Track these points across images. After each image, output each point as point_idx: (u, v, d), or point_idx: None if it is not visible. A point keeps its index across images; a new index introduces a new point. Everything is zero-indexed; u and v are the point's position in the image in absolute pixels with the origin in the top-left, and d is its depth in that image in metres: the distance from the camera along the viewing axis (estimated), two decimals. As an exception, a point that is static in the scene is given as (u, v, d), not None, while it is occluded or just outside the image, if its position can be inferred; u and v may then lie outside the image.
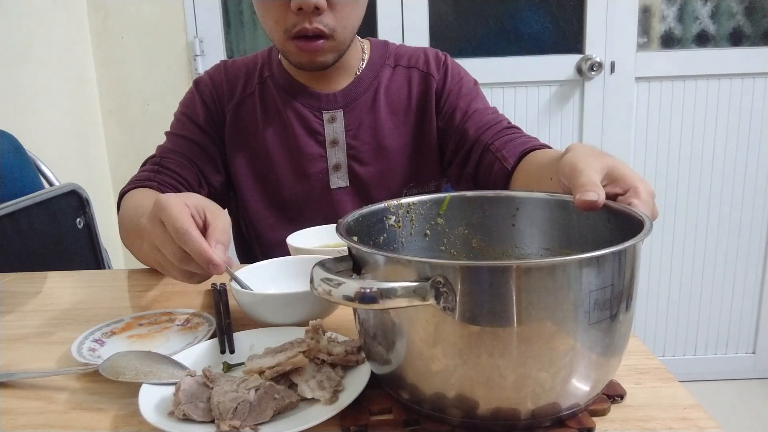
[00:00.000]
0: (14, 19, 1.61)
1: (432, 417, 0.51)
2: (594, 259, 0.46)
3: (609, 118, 2.02)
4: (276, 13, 0.94)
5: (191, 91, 1.10)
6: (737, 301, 2.18)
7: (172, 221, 0.64)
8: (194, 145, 1.05)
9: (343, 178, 1.07)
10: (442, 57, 1.12)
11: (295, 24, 0.93)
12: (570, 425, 0.51)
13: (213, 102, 1.08)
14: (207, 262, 0.64)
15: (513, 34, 2.02)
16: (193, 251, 0.64)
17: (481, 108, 1.07)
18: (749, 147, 2.05)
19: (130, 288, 0.93)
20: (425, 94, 1.09)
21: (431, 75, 1.09)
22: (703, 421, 0.52)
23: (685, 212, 2.10)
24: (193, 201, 0.69)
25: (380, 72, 1.08)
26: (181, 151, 1.04)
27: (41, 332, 0.77)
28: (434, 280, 0.45)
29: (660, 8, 1.99)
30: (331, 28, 0.94)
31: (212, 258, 0.64)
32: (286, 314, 0.69)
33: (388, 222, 0.66)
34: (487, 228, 0.69)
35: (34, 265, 1.17)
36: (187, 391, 0.53)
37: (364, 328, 0.54)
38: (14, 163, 1.32)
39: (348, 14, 0.95)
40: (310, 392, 0.55)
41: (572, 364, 0.47)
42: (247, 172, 1.08)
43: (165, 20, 1.96)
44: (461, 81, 1.10)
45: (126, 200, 0.97)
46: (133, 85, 2.01)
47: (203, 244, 0.64)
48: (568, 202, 0.64)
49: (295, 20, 0.93)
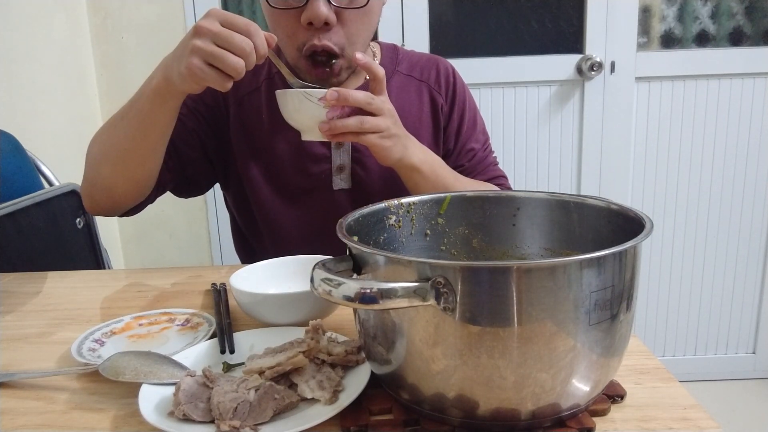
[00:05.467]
0: (14, 19, 1.61)
1: (432, 417, 0.51)
2: (594, 259, 0.46)
3: (609, 118, 2.02)
4: (287, 26, 0.93)
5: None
6: (737, 301, 2.18)
7: (237, 16, 0.76)
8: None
9: (345, 180, 1.07)
10: (452, 80, 1.13)
11: (305, 42, 0.92)
12: (570, 425, 0.51)
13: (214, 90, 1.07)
14: (269, 36, 0.77)
15: (513, 34, 2.01)
16: (258, 33, 0.76)
17: (476, 148, 1.12)
18: (749, 147, 2.05)
19: (130, 288, 0.93)
20: (435, 111, 1.11)
21: (440, 95, 1.11)
22: (703, 421, 0.52)
23: (685, 212, 2.10)
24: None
25: (390, 78, 1.08)
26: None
27: (41, 332, 0.77)
28: (434, 280, 0.45)
29: (660, 8, 1.99)
30: (341, 47, 0.93)
31: (269, 34, 0.78)
32: (286, 314, 0.69)
33: (389, 222, 0.66)
34: (487, 228, 0.69)
35: (34, 265, 1.17)
36: (187, 391, 0.53)
37: (364, 328, 0.54)
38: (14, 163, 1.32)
39: (358, 30, 0.94)
40: (310, 392, 0.55)
41: (572, 364, 0.47)
42: (253, 163, 1.07)
43: (165, 20, 1.96)
44: (464, 110, 1.12)
45: (99, 128, 0.97)
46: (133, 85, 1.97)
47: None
48: (568, 203, 0.64)
49: (305, 37, 0.92)
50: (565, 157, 2.05)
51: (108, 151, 0.93)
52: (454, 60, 1.23)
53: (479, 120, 1.16)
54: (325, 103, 0.82)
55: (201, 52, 0.75)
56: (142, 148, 0.90)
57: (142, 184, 0.96)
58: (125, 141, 0.90)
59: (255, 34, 0.76)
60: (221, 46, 0.75)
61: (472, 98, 1.16)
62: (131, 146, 0.90)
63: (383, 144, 0.87)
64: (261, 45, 0.76)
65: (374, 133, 0.85)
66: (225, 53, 0.75)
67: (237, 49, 0.74)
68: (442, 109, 1.11)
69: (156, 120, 0.87)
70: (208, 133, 1.06)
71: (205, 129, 1.06)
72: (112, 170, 0.93)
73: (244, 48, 0.75)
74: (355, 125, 0.83)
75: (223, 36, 0.74)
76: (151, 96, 0.84)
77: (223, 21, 0.75)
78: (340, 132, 0.83)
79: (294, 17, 0.91)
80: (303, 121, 0.85)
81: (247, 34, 0.75)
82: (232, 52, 0.75)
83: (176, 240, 2.13)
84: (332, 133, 0.83)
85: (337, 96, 0.81)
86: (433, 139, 1.11)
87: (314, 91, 0.82)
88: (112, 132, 0.93)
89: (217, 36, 0.74)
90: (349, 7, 0.91)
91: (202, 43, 0.75)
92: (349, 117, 0.83)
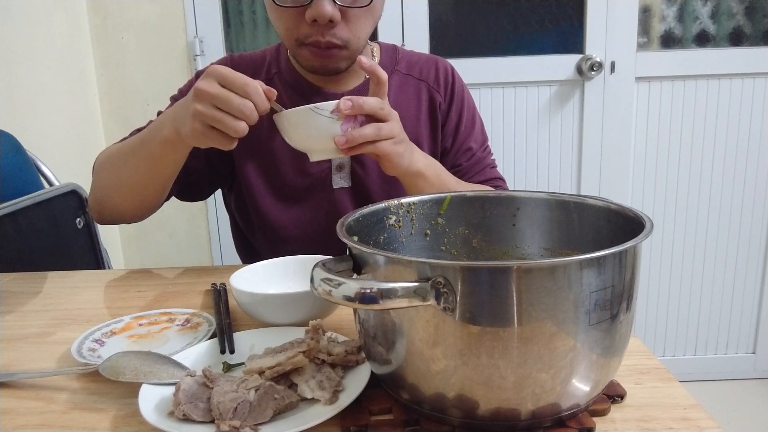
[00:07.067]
0: (14, 19, 1.61)
1: (432, 417, 0.51)
2: (595, 259, 0.46)
3: (609, 118, 2.02)
4: (289, 21, 0.93)
5: (192, 80, 1.09)
6: (737, 301, 2.18)
7: (236, 75, 0.75)
8: None
9: (345, 179, 1.07)
10: (450, 79, 1.13)
11: (308, 35, 0.92)
12: (570, 425, 0.51)
13: None
14: (268, 91, 0.76)
15: (513, 34, 2.01)
16: (257, 92, 0.75)
17: (474, 148, 1.12)
18: (749, 147, 2.05)
19: (130, 288, 0.93)
20: (433, 109, 1.11)
21: (439, 94, 1.11)
22: (703, 421, 0.52)
23: (685, 212, 2.10)
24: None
25: (389, 77, 1.08)
26: None
27: (41, 332, 0.77)
28: (435, 280, 0.45)
29: (660, 8, 1.99)
30: (345, 40, 0.93)
31: (268, 89, 0.76)
32: (286, 314, 0.69)
33: (389, 222, 0.66)
34: (487, 228, 0.69)
35: (34, 265, 1.17)
36: (187, 391, 0.53)
37: (364, 329, 0.54)
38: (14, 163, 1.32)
39: (362, 25, 0.94)
40: (310, 392, 0.55)
41: (573, 364, 0.47)
42: (252, 163, 1.07)
43: (165, 20, 1.96)
44: (462, 109, 1.12)
45: (107, 149, 1.00)
46: (133, 85, 2.01)
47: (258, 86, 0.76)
48: (568, 203, 0.64)
49: (309, 31, 0.92)
50: (565, 157, 2.05)
51: (118, 182, 0.96)
52: (454, 60, 1.23)
53: (478, 120, 1.16)
54: (338, 116, 0.76)
55: (202, 116, 0.75)
56: (154, 184, 0.94)
57: (150, 207, 1.01)
58: (136, 177, 0.94)
59: (254, 94, 0.75)
60: (221, 109, 0.75)
61: (471, 98, 1.16)
62: (142, 181, 0.94)
63: (397, 150, 0.83)
64: (261, 102, 0.75)
65: (388, 140, 0.82)
66: (225, 117, 0.74)
67: (236, 112, 0.74)
68: (440, 107, 1.11)
69: (167, 163, 0.90)
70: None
71: None
72: (122, 199, 0.98)
73: (243, 111, 0.74)
74: (372, 134, 0.79)
75: (222, 99, 0.74)
76: (162, 143, 0.86)
77: (222, 81, 0.75)
78: (358, 143, 0.78)
79: (298, 14, 0.91)
80: (313, 140, 0.79)
81: (245, 94, 0.74)
82: (232, 114, 0.74)
83: (176, 240, 2.13)
84: (350, 146, 0.78)
85: (351, 105, 0.76)
86: (431, 137, 1.11)
87: (323, 104, 0.76)
88: (122, 165, 0.95)
89: (216, 99, 0.74)
90: (353, 6, 0.91)
91: (203, 108, 0.75)
92: (363, 126, 0.79)
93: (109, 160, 0.99)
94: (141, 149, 0.91)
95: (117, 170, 0.96)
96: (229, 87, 0.75)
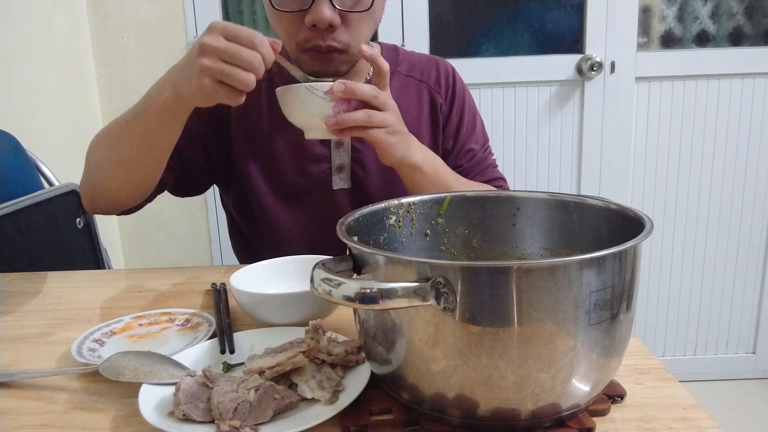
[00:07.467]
0: (14, 19, 1.61)
1: (432, 417, 0.51)
2: (595, 259, 0.46)
3: (609, 118, 2.02)
4: (289, 25, 0.93)
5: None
6: (737, 301, 2.18)
7: (241, 28, 0.74)
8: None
9: (345, 180, 1.07)
10: (451, 80, 1.13)
11: (308, 39, 0.92)
12: (570, 425, 0.51)
13: None
14: (273, 42, 0.76)
15: (513, 34, 2.01)
16: (264, 43, 0.75)
17: (475, 149, 1.12)
18: (749, 147, 2.05)
19: (130, 288, 0.93)
20: (434, 111, 1.10)
21: (440, 95, 1.11)
22: (703, 421, 0.52)
23: (685, 212, 2.10)
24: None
25: (390, 78, 1.08)
26: None
27: (41, 332, 0.77)
28: (435, 280, 0.45)
29: (660, 8, 1.99)
30: (345, 44, 0.93)
31: (273, 41, 0.76)
32: (286, 314, 0.69)
33: (389, 222, 0.66)
34: (487, 228, 0.69)
35: (34, 265, 1.17)
36: (187, 391, 0.53)
37: (364, 329, 0.54)
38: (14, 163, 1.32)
39: (362, 29, 0.94)
40: (310, 392, 0.55)
41: (572, 364, 0.47)
42: (253, 163, 1.07)
43: (165, 20, 1.96)
44: (463, 110, 1.12)
45: (99, 132, 0.96)
46: (133, 85, 2.01)
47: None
48: (568, 202, 0.64)
49: (308, 36, 0.91)
50: (565, 157, 2.05)
51: (111, 159, 0.93)
52: (454, 60, 1.23)
53: (479, 121, 1.16)
54: (331, 97, 0.79)
55: (210, 71, 0.74)
56: (147, 158, 0.91)
57: (144, 189, 0.96)
58: (129, 151, 0.90)
59: (261, 45, 0.74)
60: (229, 62, 0.74)
61: (472, 99, 1.16)
62: (136, 156, 0.90)
63: (389, 140, 0.85)
64: (268, 54, 0.75)
65: (380, 128, 0.83)
66: (235, 70, 0.74)
67: (245, 63, 0.73)
68: (441, 108, 1.11)
69: (164, 133, 0.87)
70: (210, 133, 1.06)
71: (206, 130, 1.06)
72: (114, 177, 0.94)
73: (252, 62, 0.74)
74: (362, 119, 0.81)
75: (230, 52, 0.73)
76: (159, 110, 0.83)
77: (227, 35, 0.74)
78: (347, 126, 0.80)
79: (297, 18, 0.91)
80: (307, 118, 0.82)
81: (252, 46, 0.74)
82: (241, 67, 0.74)
83: (176, 240, 2.13)
84: (339, 128, 0.80)
85: (344, 88, 0.78)
86: (432, 138, 1.11)
87: (319, 84, 0.79)
88: (115, 140, 0.92)
89: (223, 53, 0.73)
90: (352, 11, 0.91)
91: (210, 62, 0.74)
92: (356, 111, 0.81)
93: (101, 139, 0.96)
94: (135, 122, 0.88)
95: (110, 147, 0.93)
96: (234, 40, 0.74)
